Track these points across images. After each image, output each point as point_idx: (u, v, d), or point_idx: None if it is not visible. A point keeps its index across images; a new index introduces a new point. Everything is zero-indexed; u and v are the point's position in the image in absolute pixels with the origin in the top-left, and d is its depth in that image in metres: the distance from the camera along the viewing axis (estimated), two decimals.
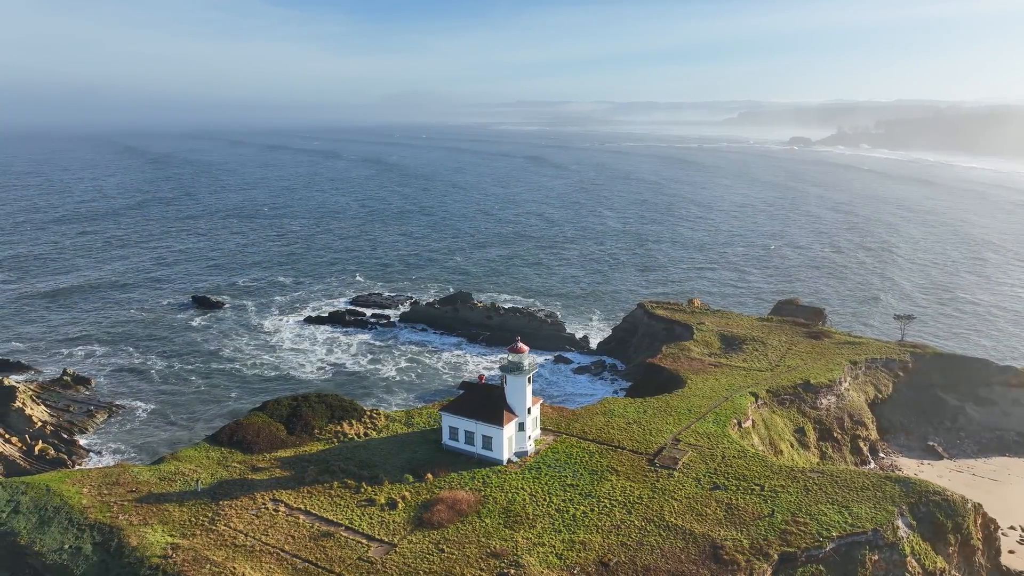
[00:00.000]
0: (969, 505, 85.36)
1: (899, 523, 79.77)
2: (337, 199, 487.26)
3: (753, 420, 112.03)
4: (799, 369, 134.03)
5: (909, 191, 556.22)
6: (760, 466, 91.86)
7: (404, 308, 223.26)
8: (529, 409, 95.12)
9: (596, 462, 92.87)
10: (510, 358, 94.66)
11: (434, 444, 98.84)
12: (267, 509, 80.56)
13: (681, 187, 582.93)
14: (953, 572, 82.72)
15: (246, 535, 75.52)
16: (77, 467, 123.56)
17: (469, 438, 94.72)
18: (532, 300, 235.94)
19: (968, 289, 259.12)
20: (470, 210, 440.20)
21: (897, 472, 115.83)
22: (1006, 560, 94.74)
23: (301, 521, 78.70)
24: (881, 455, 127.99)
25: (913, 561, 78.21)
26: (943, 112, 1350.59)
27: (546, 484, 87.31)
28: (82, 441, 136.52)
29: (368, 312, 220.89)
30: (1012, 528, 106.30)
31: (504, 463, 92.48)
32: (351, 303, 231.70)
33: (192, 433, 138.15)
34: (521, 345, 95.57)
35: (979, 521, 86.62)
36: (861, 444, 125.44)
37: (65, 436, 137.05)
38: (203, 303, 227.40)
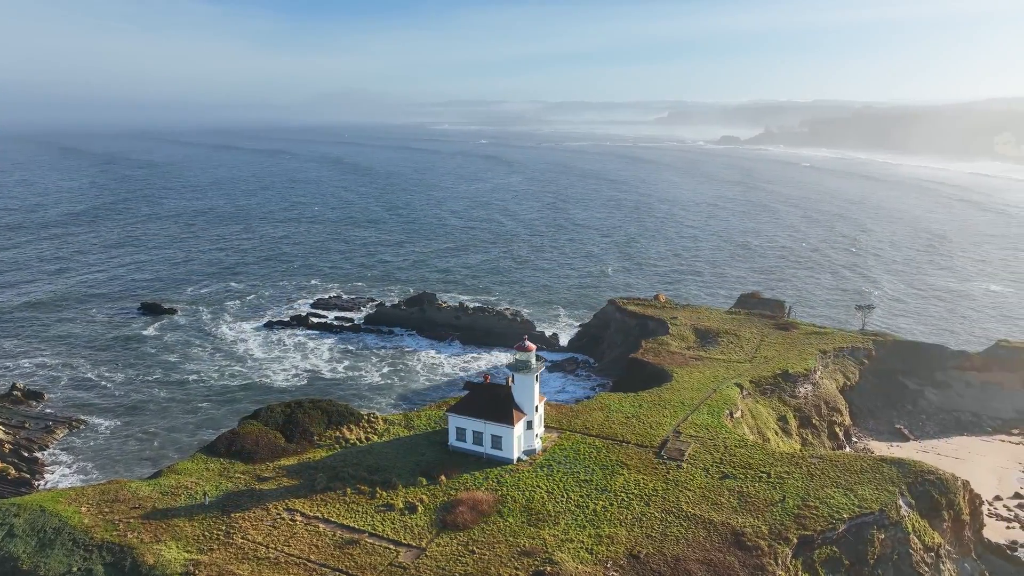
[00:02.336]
0: (959, 482, 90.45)
1: (900, 503, 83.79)
2: (287, 201, 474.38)
3: (742, 410, 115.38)
4: (775, 360, 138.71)
5: (852, 186, 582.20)
6: (762, 454, 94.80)
7: (367, 310, 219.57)
8: (536, 407, 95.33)
9: (605, 457, 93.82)
10: (518, 356, 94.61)
11: (440, 446, 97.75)
12: (283, 519, 78.01)
13: (639, 184, 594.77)
14: (947, 546, 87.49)
15: (267, 547, 72.94)
16: (42, 487, 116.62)
17: (477, 438, 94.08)
18: (497, 299, 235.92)
19: (924, 278, 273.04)
20: (430, 210, 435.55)
21: (871, 454, 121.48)
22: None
23: (322, 529, 76.58)
24: (854, 439, 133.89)
25: (915, 538, 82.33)
26: (860, 112, 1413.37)
27: (560, 481, 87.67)
28: (45, 459, 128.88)
29: (330, 315, 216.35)
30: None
31: (514, 462, 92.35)
32: (311, 307, 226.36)
33: (166, 446, 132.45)
34: (529, 344, 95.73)
35: (967, 497, 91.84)
36: (837, 430, 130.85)
37: (26, 455, 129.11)
38: (153, 310, 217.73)
